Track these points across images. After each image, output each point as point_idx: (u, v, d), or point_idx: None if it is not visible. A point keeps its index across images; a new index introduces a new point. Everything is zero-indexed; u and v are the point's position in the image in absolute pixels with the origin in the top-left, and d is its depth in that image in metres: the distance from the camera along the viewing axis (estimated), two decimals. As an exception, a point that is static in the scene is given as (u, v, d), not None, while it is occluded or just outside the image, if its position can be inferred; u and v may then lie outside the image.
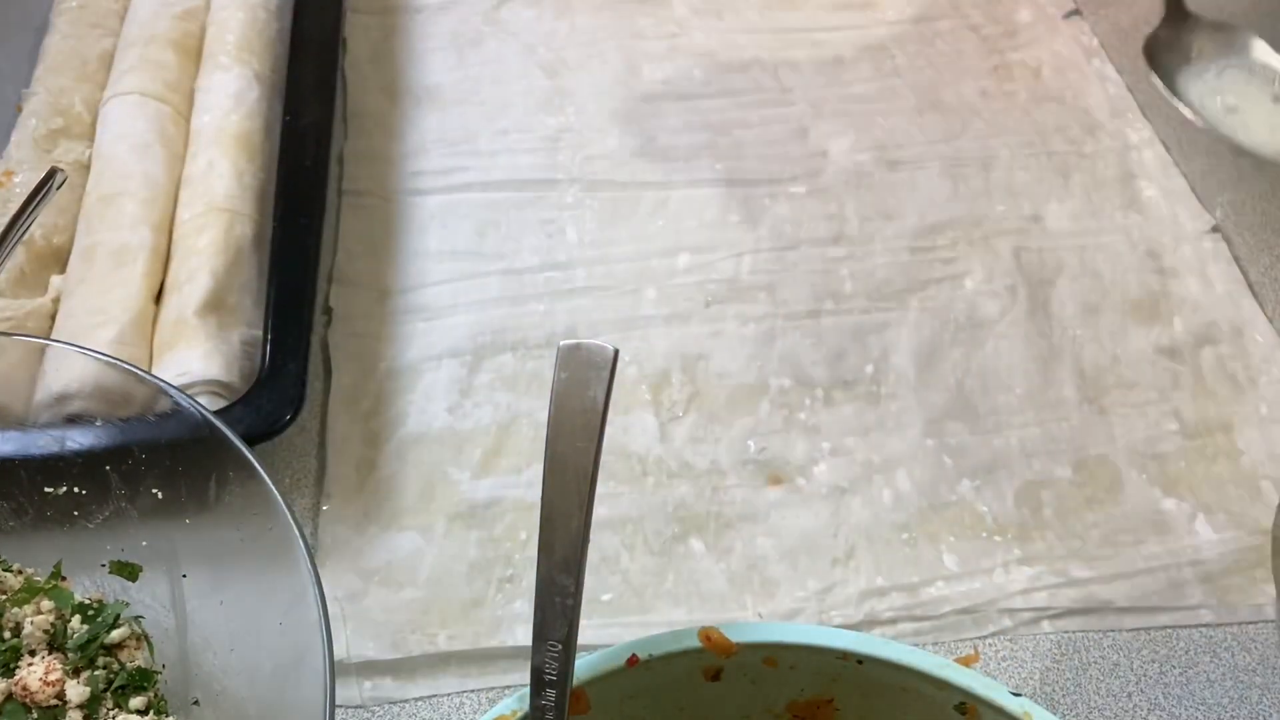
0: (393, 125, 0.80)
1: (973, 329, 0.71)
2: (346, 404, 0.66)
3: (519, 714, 0.41)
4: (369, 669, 0.57)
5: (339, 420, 0.65)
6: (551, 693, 0.40)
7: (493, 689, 0.57)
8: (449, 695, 0.57)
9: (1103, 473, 0.65)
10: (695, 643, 0.43)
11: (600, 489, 0.46)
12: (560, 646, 0.40)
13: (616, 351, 0.38)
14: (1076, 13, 0.88)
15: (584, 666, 0.42)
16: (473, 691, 0.57)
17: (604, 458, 0.40)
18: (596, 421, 0.38)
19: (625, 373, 0.67)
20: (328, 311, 0.70)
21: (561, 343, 0.38)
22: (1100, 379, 0.69)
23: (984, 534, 0.63)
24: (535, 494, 0.55)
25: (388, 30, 0.86)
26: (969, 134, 0.82)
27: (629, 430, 0.66)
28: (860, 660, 0.43)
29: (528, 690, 0.41)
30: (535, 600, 0.40)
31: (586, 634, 0.49)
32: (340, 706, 0.56)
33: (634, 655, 0.42)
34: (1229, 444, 0.66)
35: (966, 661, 0.43)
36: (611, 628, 0.59)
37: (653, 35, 0.87)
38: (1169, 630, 0.60)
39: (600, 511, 0.52)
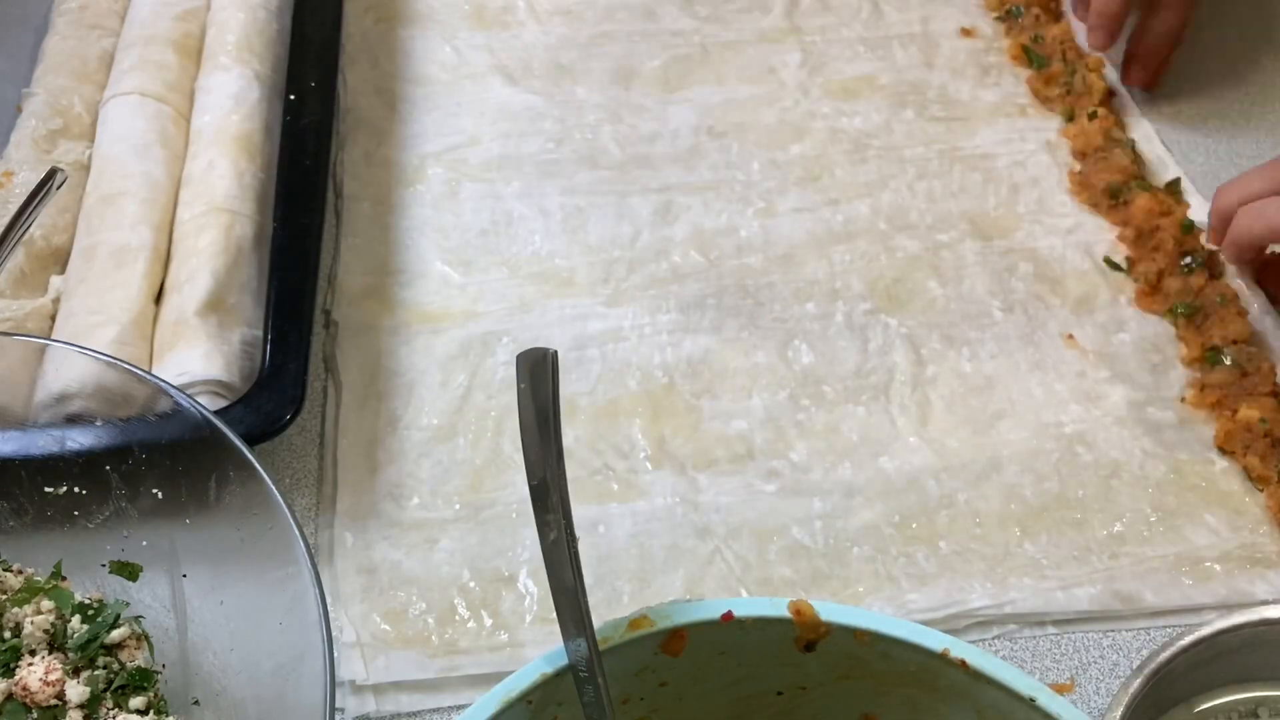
0: (393, 127, 0.80)
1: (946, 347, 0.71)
2: (347, 404, 0.66)
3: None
4: (371, 673, 0.57)
5: (340, 420, 0.65)
6: (590, 689, 0.41)
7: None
8: (453, 706, 0.56)
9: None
10: (785, 612, 0.43)
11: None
12: (582, 640, 0.40)
13: (555, 353, 0.41)
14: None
15: (685, 610, 0.43)
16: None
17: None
18: (549, 421, 0.40)
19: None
20: (327, 312, 0.70)
21: (518, 354, 0.41)
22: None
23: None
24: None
25: (387, 31, 0.86)
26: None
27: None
28: (966, 667, 0.43)
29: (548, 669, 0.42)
30: (554, 602, 0.41)
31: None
32: (340, 710, 0.56)
33: (729, 611, 0.43)
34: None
35: (1060, 690, 0.43)
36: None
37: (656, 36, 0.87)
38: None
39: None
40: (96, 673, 0.49)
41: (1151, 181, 0.77)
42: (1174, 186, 0.76)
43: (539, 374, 0.40)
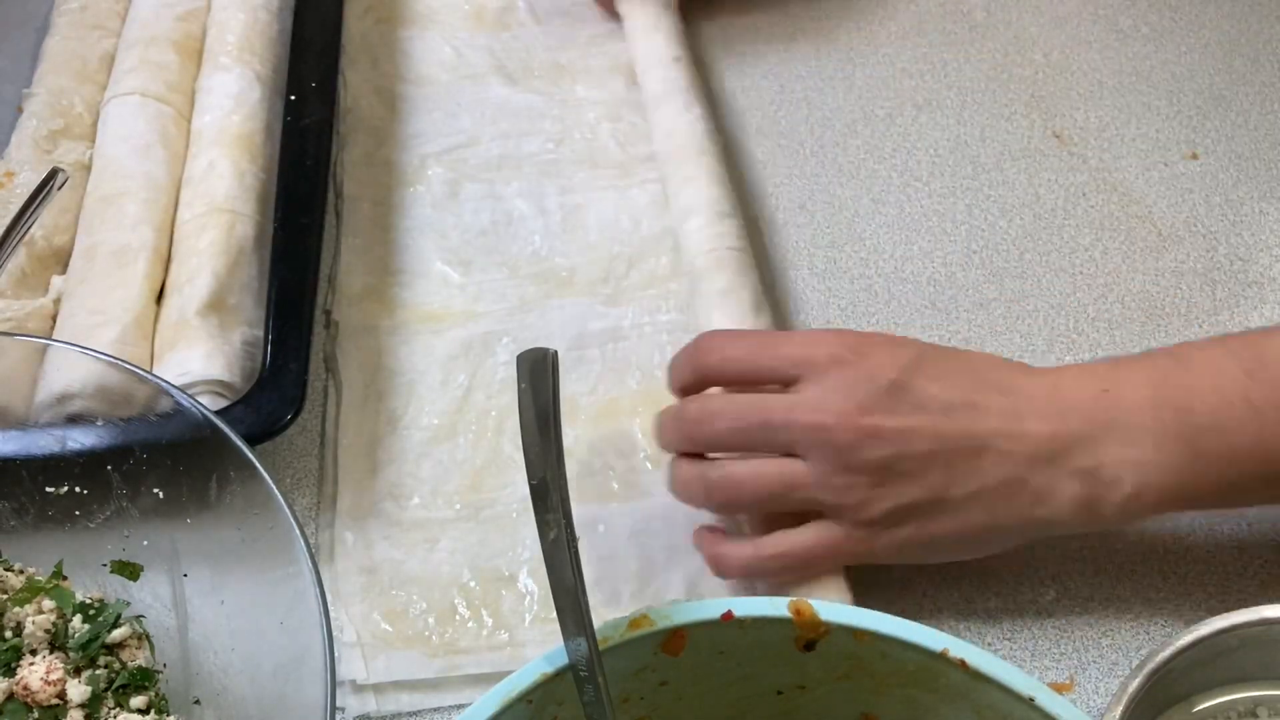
0: (393, 127, 0.80)
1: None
2: (347, 404, 0.66)
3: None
4: (371, 673, 0.57)
5: (340, 420, 0.66)
6: (590, 688, 0.41)
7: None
8: (453, 705, 0.56)
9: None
10: (785, 612, 0.43)
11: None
12: (582, 640, 0.41)
13: (555, 353, 0.41)
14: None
15: (685, 610, 0.43)
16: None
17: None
18: (550, 421, 0.41)
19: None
20: (327, 312, 0.70)
21: (518, 354, 0.41)
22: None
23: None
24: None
25: (387, 31, 0.87)
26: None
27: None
28: (965, 667, 0.43)
29: (548, 669, 0.42)
30: (554, 602, 0.41)
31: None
32: (341, 709, 0.56)
33: (729, 611, 0.43)
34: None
35: (1060, 689, 0.43)
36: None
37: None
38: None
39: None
40: (97, 672, 0.49)
41: None
42: None
43: (539, 374, 0.41)
